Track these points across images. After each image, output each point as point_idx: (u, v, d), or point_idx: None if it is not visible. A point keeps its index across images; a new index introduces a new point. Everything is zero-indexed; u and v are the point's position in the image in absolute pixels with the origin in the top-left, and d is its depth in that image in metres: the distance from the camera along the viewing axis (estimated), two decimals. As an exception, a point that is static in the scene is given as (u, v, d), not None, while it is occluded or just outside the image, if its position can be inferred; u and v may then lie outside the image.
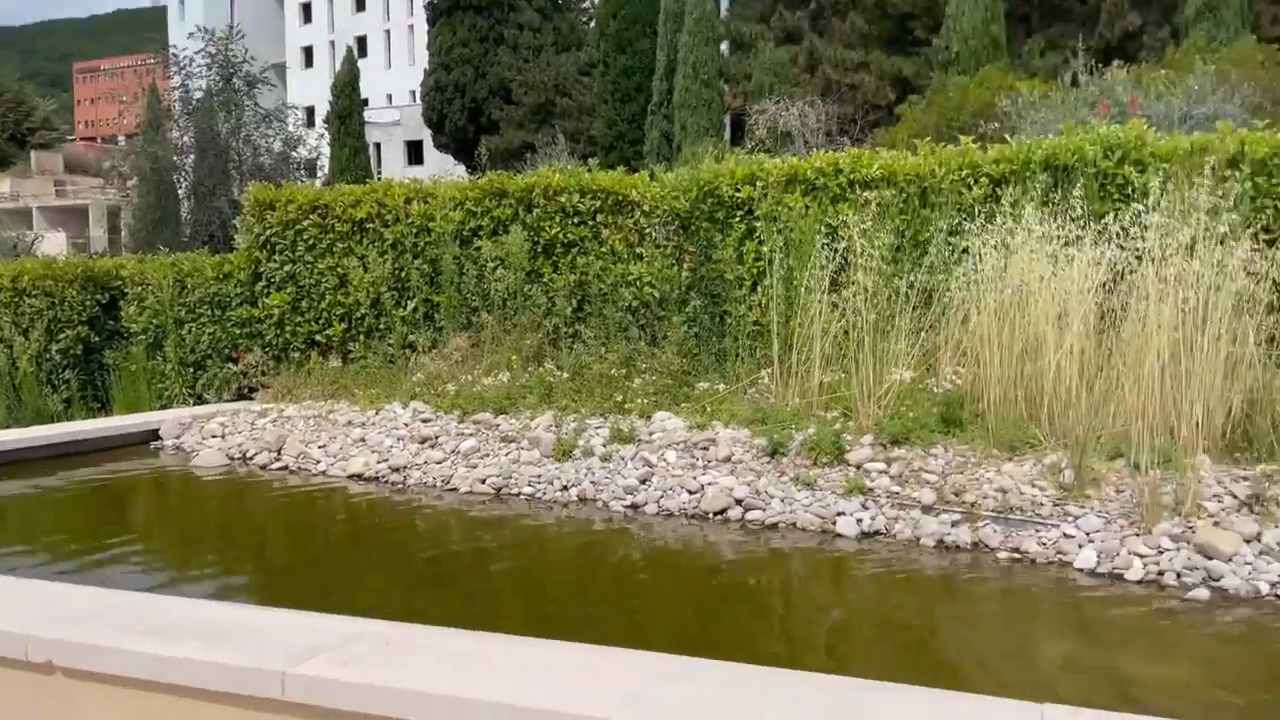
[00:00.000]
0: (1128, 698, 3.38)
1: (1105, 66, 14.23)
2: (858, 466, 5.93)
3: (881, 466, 5.87)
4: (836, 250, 7.22)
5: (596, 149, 23.91)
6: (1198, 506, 4.91)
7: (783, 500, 5.75)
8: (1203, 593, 4.35)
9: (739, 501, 5.83)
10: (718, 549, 5.38)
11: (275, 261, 9.61)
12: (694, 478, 6.14)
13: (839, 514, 5.51)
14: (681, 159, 15.73)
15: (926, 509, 5.43)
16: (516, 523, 5.97)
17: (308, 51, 59.95)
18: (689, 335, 8.01)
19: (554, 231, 8.60)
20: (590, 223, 8.58)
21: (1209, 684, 3.61)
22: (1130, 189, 6.95)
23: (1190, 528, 4.77)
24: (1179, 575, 4.51)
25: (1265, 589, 4.32)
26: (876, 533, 5.34)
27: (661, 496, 6.05)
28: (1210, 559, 4.53)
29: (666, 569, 5.16)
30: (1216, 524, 4.77)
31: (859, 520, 5.43)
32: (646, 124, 23.27)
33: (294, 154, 22.26)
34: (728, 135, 22.64)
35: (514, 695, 2.69)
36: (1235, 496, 4.98)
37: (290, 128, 22.63)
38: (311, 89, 52.17)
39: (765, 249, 7.71)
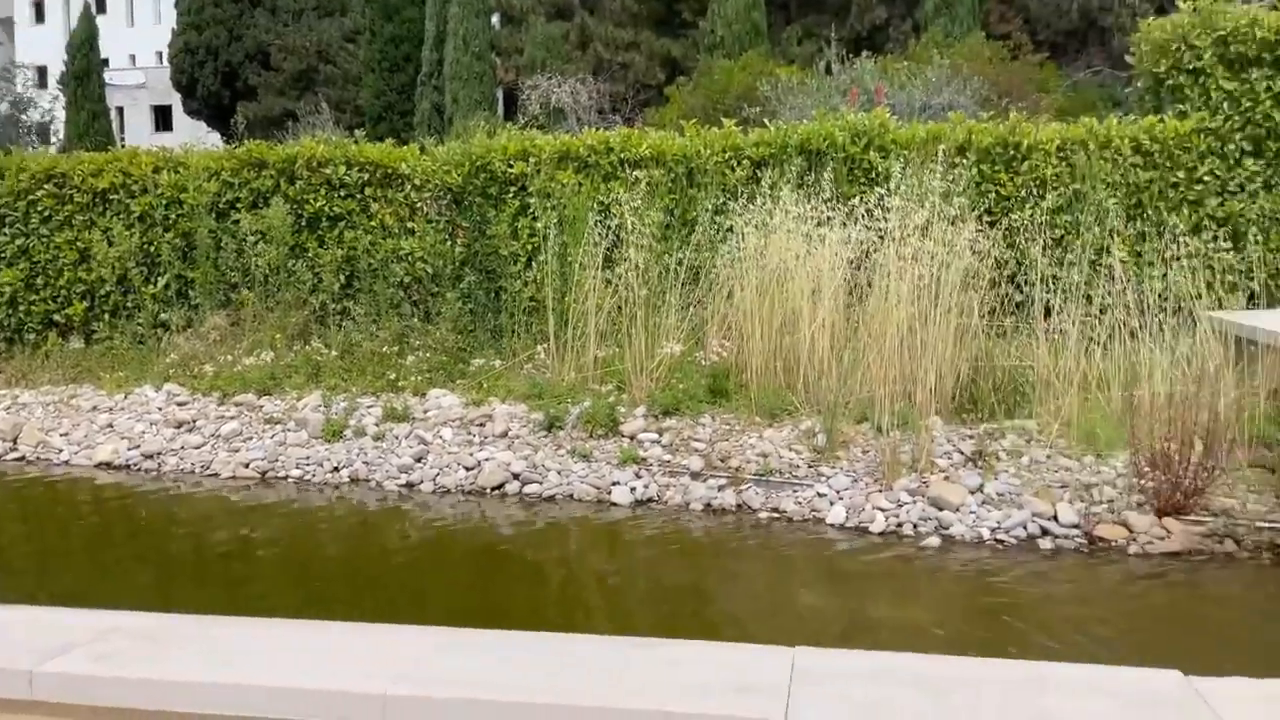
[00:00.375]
0: (871, 637, 3.72)
1: (855, 56, 15.14)
2: (631, 437, 6.14)
3: (654, 436, 6.10)
4: (609, 227, 7.39)
5: (364, 119, 23.09)
6: (931, 463, 5.43)
7: (560, 473, 5.87)
8: (935, 540, 4.84)
9: (516, 476, 5.90)
10: (495, 523, 5.44)
11: (5, 235, 8.75)
12: (471, 454, 6.16)
13: (614, 484, 5.69)
14: (454, 132, 15.47)
15: (695, 475, 5.70)
16: (284, 506, 5.78)
17: (38, 5, 54.20)
18: (464, 311, 7.96)
19: (319, 205, 8.30)
20: (358, 196, 8.34)
21: (941, 618, 4.03)
22: (874, 173, 7.49)
23: (925, 482, 5.26)
24: (915, 526, 4.99)
25: (986, 534, 4.85)
26: (650, 500, 5.56)
27: (437, 474, 6.03)
28: (941, 510, 5.03)
29: (443, 545, 5.16)
30: (946, 478, 5.29)
31: (633, 489, 5.63)
32: (416, 95, 22.69)
33: (23, 117, 20.22)
34: (501, 109, 22.47)
35: (285, 678, 2.65)
36: (962, 453, 5.54)
37: (19, 88, 20.52)
38: (44, 46, 47.25)
39: (539, 225, 7.78)
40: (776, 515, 5.28)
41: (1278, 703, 2.59)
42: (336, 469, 6.21)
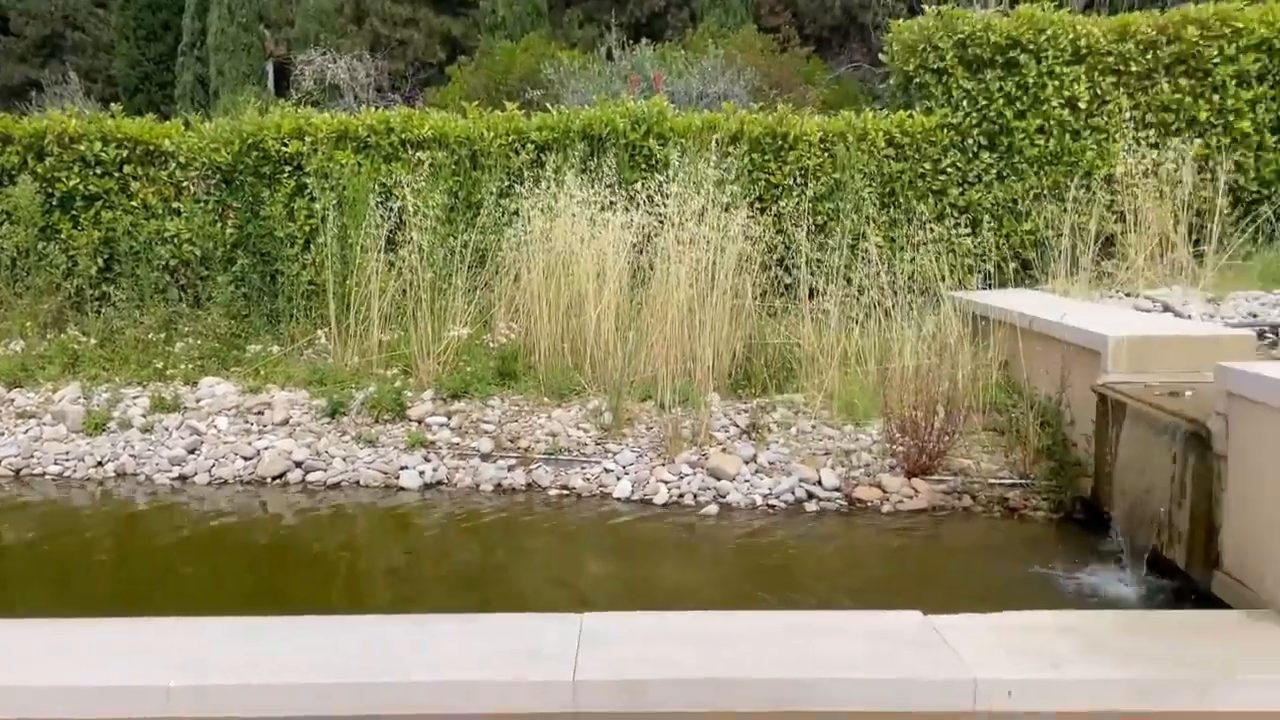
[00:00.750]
0: (654, 599, 3.93)
1: (636, 43, 15.46)
2: (419, 421, 6.13)
3: (442, 420, 6.12)
4: (392, 209, 7.30)
5: (118, 91, 21.45)
6: (709, 436, 5.74)
7: (345, 459, 5.79)
8: (713, 508, 5.14)
9: (299, 464, 5.77)
10: (278, 512, 5.31)
11: None
12: (249, 443, 5.97)
13: (402, 468, 5.68)
14: (221, 107, 14.67)
15: (485, 457, 5.77)
16: (42, 505, 5.41)
17: None
18: (237, 296, 7.64)
19: (73, 183, 7.72)
20: (117, 174, 7.81)
21: (717, 579, 4.30)
22: (654, 160, 7.76)
23: (704, 455, 5.56)
24: (695, 496, 5.28)
25: (759, 500, 5.20)
26: (439, 483, 5.59)
27: (213, 465, 5.81)
28: (719, 480, 5.35)
29: (222, 537, 4.99)
30: (724, 450, 5.61)
31: (421, 472, 5.64)
32: (177, 66, 21.24)
33: None
34: (271, 84, 21.42)
35: (59, 677, 2.55)
36: (738, 426, 5.89)
37: None
38: None
39: (318, 206, 7.56)
40: (566, 492, 5.44)
41: (998, 631, 2.97)
42: (101, 463, 5.86)
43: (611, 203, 7.03)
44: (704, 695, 2.68)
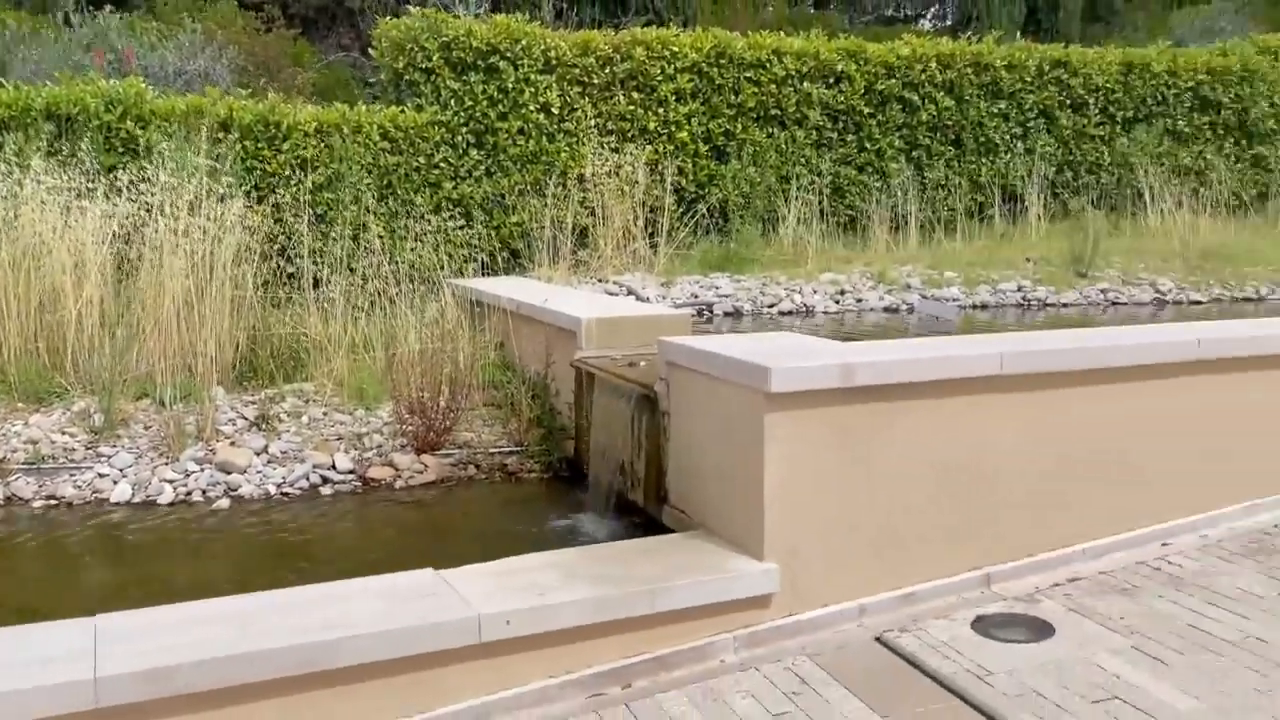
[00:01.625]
0: (173, 596, 3.92)
1: (98, 9, 14.07)
2: None
3: (-115, 436, 5.36)
4: None
5: None
6: (216, 431, 5.68)
7: None
8: (225, 502, 5.15)
9: None
10: None
11: None
12: None
13: None
14: None
15: (-52, 474, 5.18)
16: None
17: None
18: None
19: None
20: None
21: (236, 569, 4.38)
22: (136, 145, 7.32)
23: (211, 450, 5.51)
24: (205, 492, 5.23)
25: (273, 490, 5.30)
26: (-111, 508, 4.93)
27: None
28: (229, 474, 5.34)
29: None
30: (233, 444, 5.60)
31: None
32: None
33: None
34: None
35: None
36: (246, 419, 5.88)
37: None
38: None
39: None
40: (54, 502, 5.09)
41: (498, 575, 3.49)
42: None
43: (90, 189, 6.55)
44: (235, 670, 2.83)
